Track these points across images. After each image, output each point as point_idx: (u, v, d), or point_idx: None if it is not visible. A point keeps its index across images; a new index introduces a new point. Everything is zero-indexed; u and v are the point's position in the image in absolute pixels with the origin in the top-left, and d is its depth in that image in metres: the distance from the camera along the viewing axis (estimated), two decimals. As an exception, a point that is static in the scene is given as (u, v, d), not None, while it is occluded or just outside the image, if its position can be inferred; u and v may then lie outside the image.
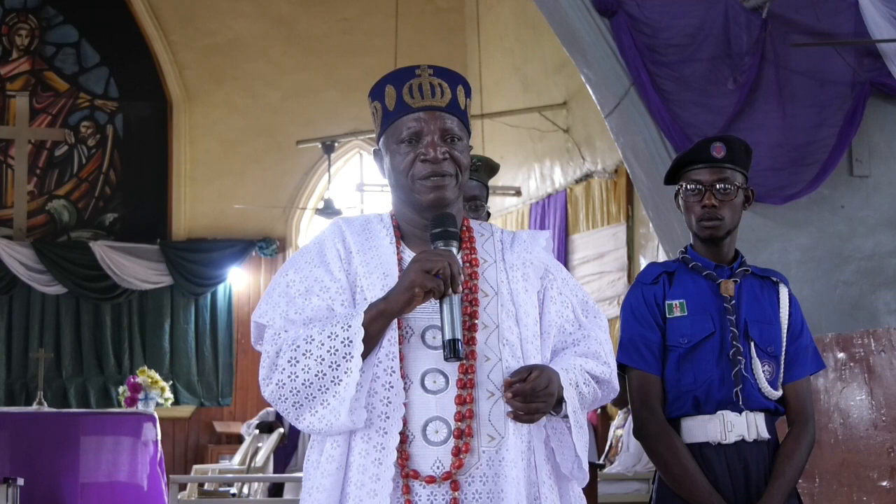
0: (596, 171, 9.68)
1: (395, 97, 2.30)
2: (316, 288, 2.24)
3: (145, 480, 7.65)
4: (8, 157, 12.50)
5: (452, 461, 2.17)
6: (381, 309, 2.14)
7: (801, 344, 3.11)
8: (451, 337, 2.12)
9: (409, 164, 2.27)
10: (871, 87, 5.30)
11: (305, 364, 2.13)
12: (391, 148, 2.30)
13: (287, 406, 2.17)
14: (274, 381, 2.17)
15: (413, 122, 2.27)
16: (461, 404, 2.19)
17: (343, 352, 2.12)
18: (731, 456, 2.98)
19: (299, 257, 2.31)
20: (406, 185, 2.28)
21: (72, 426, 7.60)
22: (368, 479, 2.14)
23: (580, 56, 5.84)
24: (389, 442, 2.15)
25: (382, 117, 2.32)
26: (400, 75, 2.33)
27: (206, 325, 12.50)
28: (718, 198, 3.04)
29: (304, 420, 2.16)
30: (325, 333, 2.14)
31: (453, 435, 2.18)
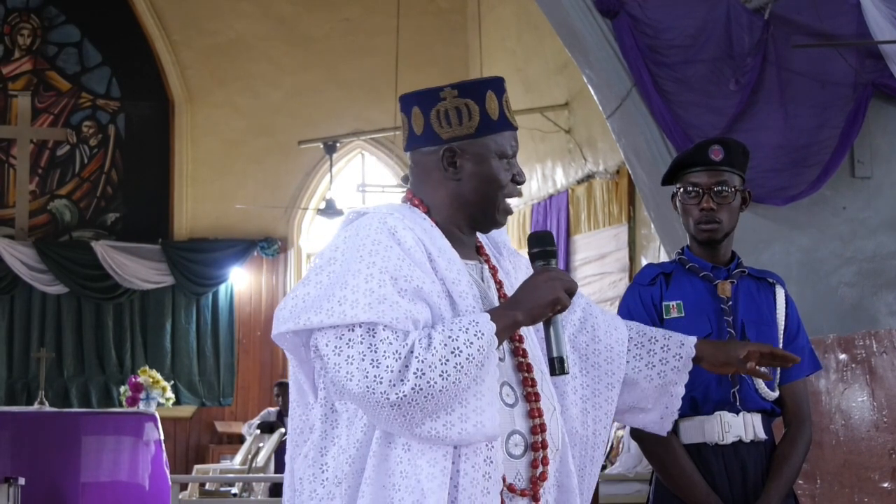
0: (597, 171, 9.68)
1: (498, 108, 2.27)
2: (424, 290, 2.12)
3: (147, 480, 7.65)
4: (10, 157, 12.51)
5: (533, 473, 2.19)
6: (516, 320, 2.14)
7: (798, 345, 3.12)
8: (560, 354, 2.20)
9: (507, 181, 2.27)
10: (872, 88, 5.29)
11: (444, 370, 2.02)
12: (486, 157, 2.25)
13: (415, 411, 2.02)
14: (409, 386, 2.01)
15: (514, 142, 2.30)
16: (535, 417, 2.20)
17: (478, 360, 2.05)
18: (728, 456, 2.99)
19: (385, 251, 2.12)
20: (493, 197, 2.27)
21: (73, 426, 7.61)
22: (479, 492, 2.09)
23: (582, 57, 5.84)
24: (496, 455, 2.12)
25: (481, 122, 2.25)
26: (497, 85, 2.29)
27: (208, 325, 12.51)
28: (716, 200, 3.05)
29: (425, 427, 2.03)
30: (461, 340, 2.05)
31: (531, 448, 2.19)
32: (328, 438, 2.17)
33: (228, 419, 12.43)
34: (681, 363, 2.52)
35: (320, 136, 11.57)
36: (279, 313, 2.17)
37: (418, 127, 2.28)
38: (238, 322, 12.57)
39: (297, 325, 2.12)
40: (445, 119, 2.25)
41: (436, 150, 2.27)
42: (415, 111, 2.29)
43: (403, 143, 2.36)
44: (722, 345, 2.64)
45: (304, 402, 2.24)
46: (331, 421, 2.17)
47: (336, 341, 2.08)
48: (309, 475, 2.16)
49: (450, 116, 2.25)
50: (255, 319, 12.66)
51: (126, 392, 9.61)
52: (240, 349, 12.58)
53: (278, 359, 12.59)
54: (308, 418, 2.22)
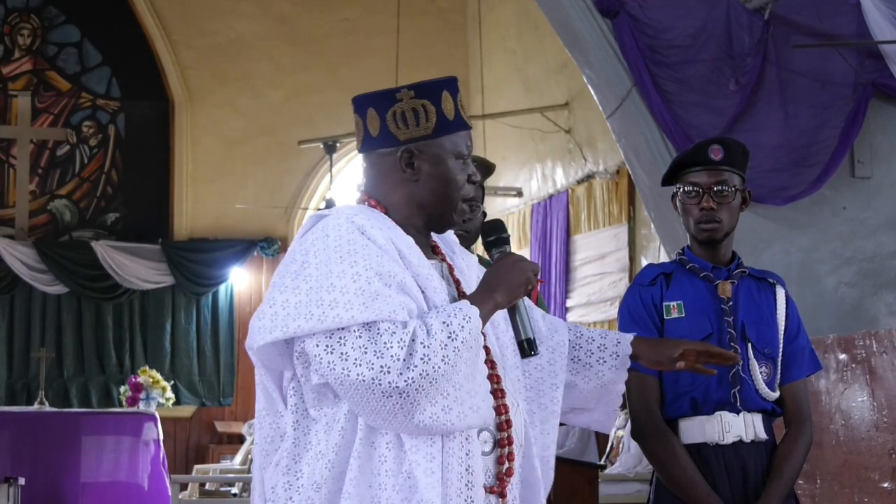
0: (597, 171, 9.68)
1: (453, 108, 2.28)
2: (406, 284, 2.14)
3: (146, 480, 7.65)
4: (10, 157, 12.50)
5: (499, 470, 2.20)
6: (496, 302, 2.20)
7: (798, 345, 3.12)
8: (528, 336, 2.25)
9: (463, 182, 2.30)
10: (872, 88, 5.29)
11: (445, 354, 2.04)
12: (444, 157, 2.27)
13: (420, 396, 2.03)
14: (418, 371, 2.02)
15: (469, 141, 2.32)
16: (500, 413, 2.21)
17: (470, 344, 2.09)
18: (728, 456, 2.99)
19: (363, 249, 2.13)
20: (450, 198, 2.29)
21: (73, 426, 7.61)
22: (465, 486, 2.11)
23: (582, 57, 5.84)
24: (474, 448, 2.14)
25: (438, 122, 2.26)
26: (452, 84, 2.30)
27: (208, 325, 12.51)
28: (716, 200, 3.05)
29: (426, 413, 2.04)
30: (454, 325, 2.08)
31: (498, 444, 2.20)
32: (301, 445, 2.15)
33: (228, 419, 12.43)
34: (618, 362, 2.51)
35: (320, 135, 11.56)
36: (257, 323, 2.13)
37: (374, 128, 2.28)
38: (238, 322, 12.57)
39: (285, 333, 2.09)
40: (402, 120, 2.26)
41: (393, 151, 2.28)
42: (370, 112, 2.28)
43: (357, 146, 2.35)
44: (657, 343, 2.60)
45: (273, 409, 2.22)
46: (303, 427, 2.16)
47: (327, 341, 2.07)
48: (283, 483, 2.14)
49: (406, 118, 2.26)
50: (255, 319, 12.64)
51: (126, 392, 9.61)
52: (240, 349, 12.57)
53: (278, 359, 12.59)
54: (278, 426, 2.20)
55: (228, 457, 11.27)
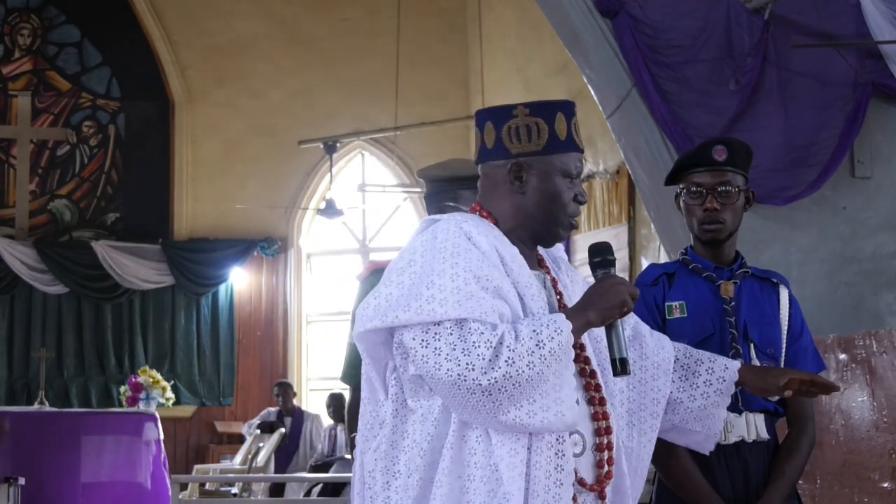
0: (598, 171, 9.68)
1: (566, 129, 2.40)
2: (503, 290, 2.27)
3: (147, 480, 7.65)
4: (10, 157, 12.51)
5: (599, 472, 2.33)
6: (589, 320, 2.30)
7: (802, 345, 3.12)
8: (622, 355, 2.35)
9: (569, 199, 2.40)
10: (872, 88, 5.29)
11: (531, 360, 2.16)
12: (553, 174, 2.40)
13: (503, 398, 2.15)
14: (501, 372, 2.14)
15: (579, 163, 2.44)
16: (598, 420, 2.35)
17: (559, 354, 2.20)
18: (730, 457, 2.99)
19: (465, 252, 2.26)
20: (555, 213, 2.41)
21: (73, 426, 7.60)
22: (553, 484, 2.22)
23: (582, 57, 5.84)
24: (566, 449, 2.25)
25: (549, 140, 2.39)
26: (568, 107, 2.43)
27: (208, 325, 12.51)
28: (720, 201, 3.05)
29: (510, 414, 2.16)
30: (544, 334, 2.19)
31: (597, 448, 2.34)
32: (398, 433, 2.28)
33: (228, 419, 12.43)
34: (724, 386, 2.66)
35: (320, 135, 11.57)
36: (362, 313, 2.28)
37: (490, 141, 2.43)
38: (238, 322, 12.57)
39: (383, 322, 2.23)
40: (516, 135, 2.40)
41: (504, 163, 2.41)
42: (487, 126, 2.43)
43: (475, 156, 2.49)
44: (764, 371, 2.76)
45: (375, 398, 2.36)
46: (401, 416, 2.29)
47: (423, 335, 2.20)
48: (381, 468, 2.28)
49: (520, 133, 2.39)
50: (255, 319, 12.66)
51: (126, 392, 9.62)
52: (240, 349, 12.58)
53: (278, 359, 12.61)
54: (378, 414, 2.34)
55: (228, 457, 11.27)
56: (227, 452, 11.68)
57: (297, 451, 10.67)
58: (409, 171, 12.34)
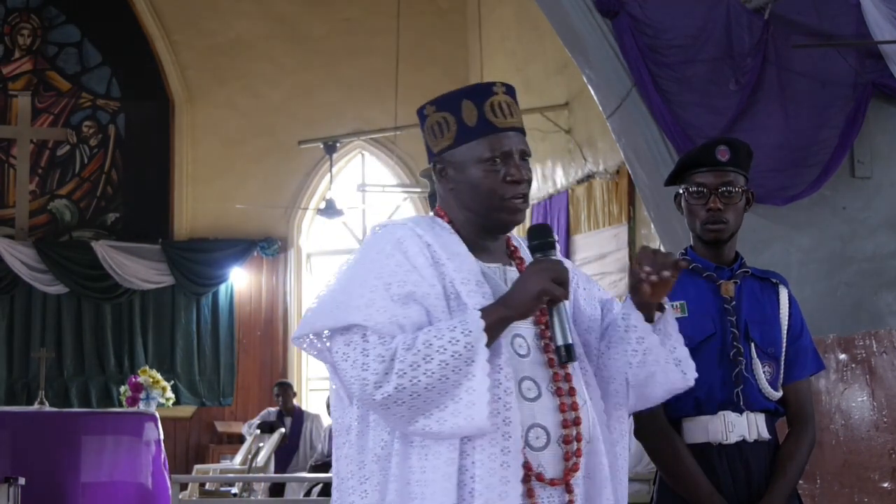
0: (598, 171, 9.67)
1: (476, 113, 2.34)
2: (417, 294, 2.23)
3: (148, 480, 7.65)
4: (10, 157, 12.51)
5: (565, 465, 2.25)
6: (502, 315, 2.20)
7: (802, 345, 3.12)
8: (566, 342, 2.24)
9: (496, 184, 2.33)
10: (872, 88, 5.29)
11: (427, 369, 2.12)
12: (469, 163, 2.34)
13: (402, 410, 2.14)
14: (392, 386, 2.13)
15: (500, 142, 2.34)
16: (565, 411, 2.27)
17: (466, 356, 2.13)
18: (732, 456, 2.99)
19: (385, 260, 2.26)
20: (489, 202, 2.34)
21: (73, 426, 7.61)
22: (497, 481, 2.17)
23: (582, 57, 5.84)
24: (514, 446, 2.19)
25: (458, 131, 2.34)
26: (479, 91, 2.37)
27: (208, 325, 12.51)
28: (723, 201, 3.05)
29: (418, 424, 2.15)
30: (445, 338, 2.14)
31: (563, 440, 2.26)
32: (364, 437, 2.28)
33: (228, 419, 12.44)
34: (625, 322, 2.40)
35: (320, 135, 11.57)
36: (302, 319, 2.32)
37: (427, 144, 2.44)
38: (238, 322, 12.58)
39: (310, 328, 2.26)
40: (431, 134, 2.39)
41: (432, 164, 2.42)
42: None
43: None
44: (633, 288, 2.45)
45: (342, 404, 2.34)
46: (365, 421, 2.28)
47: (344, 348, 2.20)
48: (348, 473, 2.28)
49: (434, 131, 2.38)
50: (255, 319, 12.66)
51: (126, 392, 9.61)
52: (240, 349, 12.58)
53: (278, 359, 12.61)
54: (345, 420, 2.33)
55: (228, 457, 11.27)
56: (227, 452, 11.68)
57: (297, 451, 10.67)
58: (409, 171, 12.35)
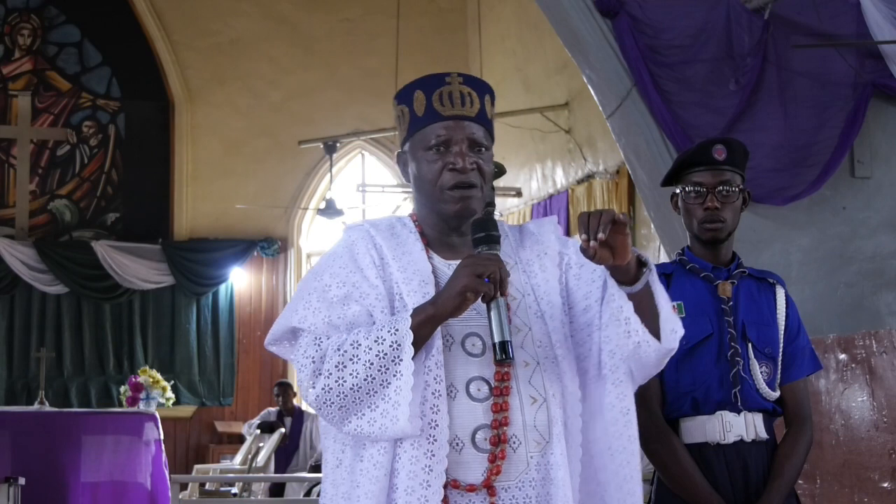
0: (597, 171, 9.67)
1: (424, 103, 2.29)
2: (355, 294, 2.22)
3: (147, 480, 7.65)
4: (10, 157, 12.51)
5: (490, 468, 2.18)
6: (429, 314, 2.14)
7: (799, 345, 3.12)
8: (501, 339, 2.15)
9: (436, 173, 2.28)
10: (872, 88, 5.29)
11: (353, 369, 2.12)
12: (417, 154, 2.30)
13: (332, 410, 2.15)
14: (319, 387, 2.14)
15: (442, 130, 2.28)
16: (497, 412, 2.19)
17: (392, 356, 2.11)
18: (730, 456, 2.99)
19: (331, 262, 2.28)
20: (432, 193, 2.29)
21: (73, 426, 7.61)
22: (419, 485, 2.13)
23: (582, 57, 5.83)
24: (439, 449, 2.15)
25: (410, 122, 2.32)
26: (430, 81, 2.32)
27: (208, 325, 12.51)
28: (720, 200, 3.05)
29: (351, 424, 2.14)
30: (371, 338, 2.12)
31: (489, 442, 2.18)
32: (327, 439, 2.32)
33: (228, 419, 12.44)
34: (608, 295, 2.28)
35: (320, 135, 11.57)
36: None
37: None
38: (238, 322, 12.58)
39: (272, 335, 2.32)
40: (397, 127, 2.39)
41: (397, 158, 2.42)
42: None
43: None
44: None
45: None
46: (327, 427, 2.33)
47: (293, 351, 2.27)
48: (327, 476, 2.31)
49: (397, 125, 2.38)
50: (255, 319, 12.66)
51: (126, 392, 9.61)
52: (240, 349, 12.58)
53: (278, 359, 12.55)
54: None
55: (228, 457, 11.27)
56: (227, 452, 11.68)
57: (297, 451, 10.67)
58: (409, 172, 12.34)
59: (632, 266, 2.21)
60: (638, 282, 2.21)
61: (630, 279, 2.22)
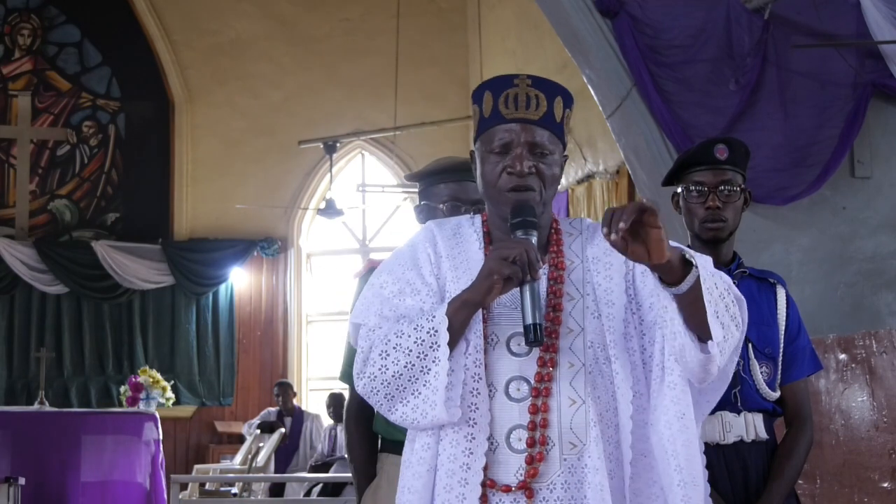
0: (598, 171, 9.67)
1: (491, 104, 2.32)
2: (408, 290, 2.28)
3: (147, 479, 7.66)
4: (10, 157, 12.51)
5: (527, 469, 2.18)
6: (463, 299, 2.17)
7: (799, 345, 3.12)
8: (532, 322, 2.13)
9: (497, 175, 2.29)
10: (872, 88, 5.29)
11: (395, 357, 2.16)
12: (483, 155, 2.33)
13: (380, 398, 2.20)
14: (367, 375, 2.20)
15: (504, 133, 2.29)
16: (535, 413, 2.19)
17: (429, 342, 2.14)
18: (729, 456, 2.99)
19: (393, 261, 2.35)
20: (492, 194, 2.31)
21: (73, 426, 7.62)
22: (457, 483, 2.16)
23: (582, 57, 5.84)
24: (477, 448, 2.17)
25: (479, 122, 2.35)
26: (499, 82, 2.33)
27: (208, 325, 12.51)
28: (721, 199, 3.05)
29: (398, 411, 2.19)
30: (412, 326, 2.17)
31: (526, 443, 2.19)
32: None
33: (228, 419, 12.43)
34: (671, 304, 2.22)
35: (320, 135, 11.57)
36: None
37: None
38: (238, 322, 12.58)
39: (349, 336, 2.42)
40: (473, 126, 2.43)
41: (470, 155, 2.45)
42: None
43: None
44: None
45: None
46: None
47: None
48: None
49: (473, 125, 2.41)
50: (255, 319, 12.66)
51: (126, 392, 9.62)
52: (240, 349, 12.58)
53: (278, 359, 12.61)
54: None
55: (228, 457, 11.27)
56: (227, 452, 11.68)
57: (297, 451, 10.68)
58: (409, 171, 12.34)
59: (674, 265, 2.15)
60: (683, 282, 2.15)
61: (676, 279, 2.16)
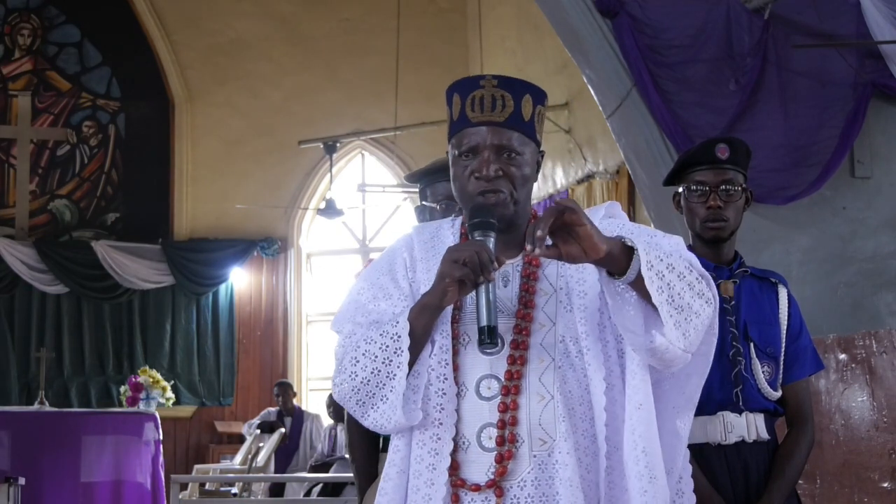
0: (598, 171, 9.67)
1: (459, 107, 2.30)
2: (381, 294, 2.30)
3: (147, 479, 7.66)
4: (10, 157, 12.51)
5: (496, 468, 2.18)
6: (422, 303, 2.18)
7: (801, 345, 3.12)
8: (485, 324, 2.11)
9: (465, 179, 2.27)
10: (872, 88, 5.29)
11: (364, 363, 2.18)
12: (453, 158, 2.31)
13: (353, 405, 2.22)
14: (338, 382, 2.22)
15: (471, 136, 2.27)
16: (504, 411, 2.19)
17: (393, 347, 2.16)
18: (731, 456, 2.99)
19: (371, 268, 2.38)
20: (462, 197, 2.30)
21: (73, 426, 7.61)
22: (423, 484, 2.18)
23: (582, 57, 5.84)
24: (443, 448, 2.18)
25: (449, 125, 2.33)
26: (466, 84, 2.31)
27: (208, 325, 12.51)
28: (723, 199, 3.05)
29: (370, 417, 2.20)
30: (378, 332, 2.19)
31: (495, 441, 2.19)
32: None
33: (228, 419, 12.43)
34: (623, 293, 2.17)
35: (320, 135, 11.56)
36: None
37: None
38: (238, 322, 12.58)
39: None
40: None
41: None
42: None
43: None
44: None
45: None
46: None
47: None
48: None
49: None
50: (255, 319, 12.66)
51: (126, 392, 9.62)
52: (240, 349, 12.58)
53: (278, 359, 12.61)
54: None
55: (228, 457, 11.27)
56: (227, 452, 11.68)
57: (297, 451, 10.67)
58: (408, 171, 12.33)
59: (616, 255, 2.08)
60: (629, 270, 2.08)
61: (620, 269, 2.09)
